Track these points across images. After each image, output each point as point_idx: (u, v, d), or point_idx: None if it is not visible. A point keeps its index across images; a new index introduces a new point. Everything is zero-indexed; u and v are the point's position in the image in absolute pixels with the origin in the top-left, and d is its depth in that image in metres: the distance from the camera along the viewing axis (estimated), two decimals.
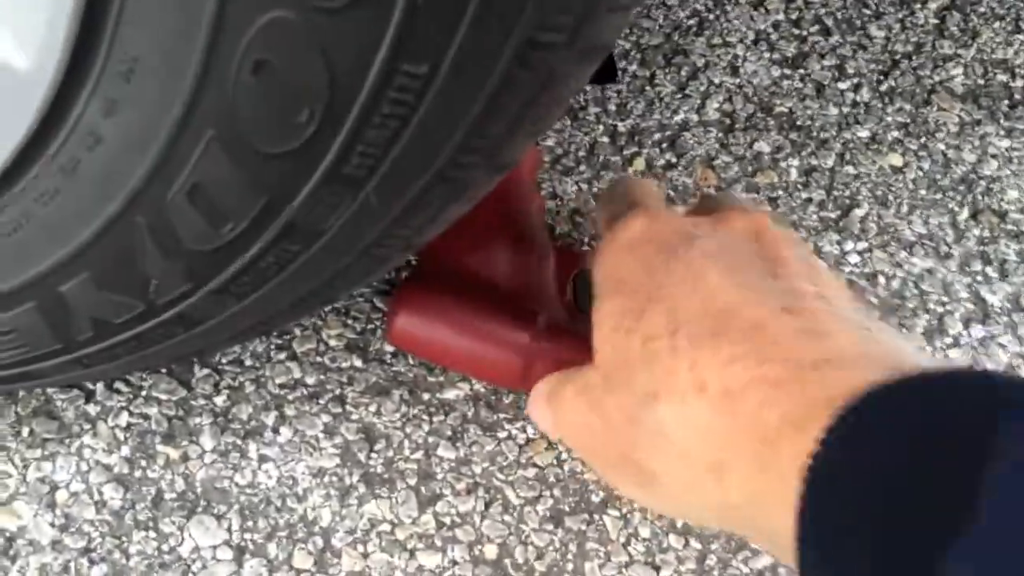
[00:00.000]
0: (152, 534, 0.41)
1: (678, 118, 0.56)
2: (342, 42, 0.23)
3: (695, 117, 0.56)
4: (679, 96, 0.57)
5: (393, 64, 0.23)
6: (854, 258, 0.51)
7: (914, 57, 0.59)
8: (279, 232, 0.27)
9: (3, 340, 0.34)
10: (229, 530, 0.41)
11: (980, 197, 0.53)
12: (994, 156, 0.55)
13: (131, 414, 0.44)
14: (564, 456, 0.44)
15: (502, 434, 0.44)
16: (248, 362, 0.46)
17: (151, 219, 0.28)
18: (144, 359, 0.36)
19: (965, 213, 0.53)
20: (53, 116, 0.26)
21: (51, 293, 0.31)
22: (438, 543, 0.41)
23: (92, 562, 0.40)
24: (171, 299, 0.30)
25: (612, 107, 0.56)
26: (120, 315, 0.31)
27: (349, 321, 0.47)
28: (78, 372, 0.37)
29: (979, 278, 0.50)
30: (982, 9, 0.62)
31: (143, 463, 0.43)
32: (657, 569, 0.41)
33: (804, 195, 0.53)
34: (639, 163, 0.54)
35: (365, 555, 0.41)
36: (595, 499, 0.43)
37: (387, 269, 0.35)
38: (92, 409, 0.43)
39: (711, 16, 0.61)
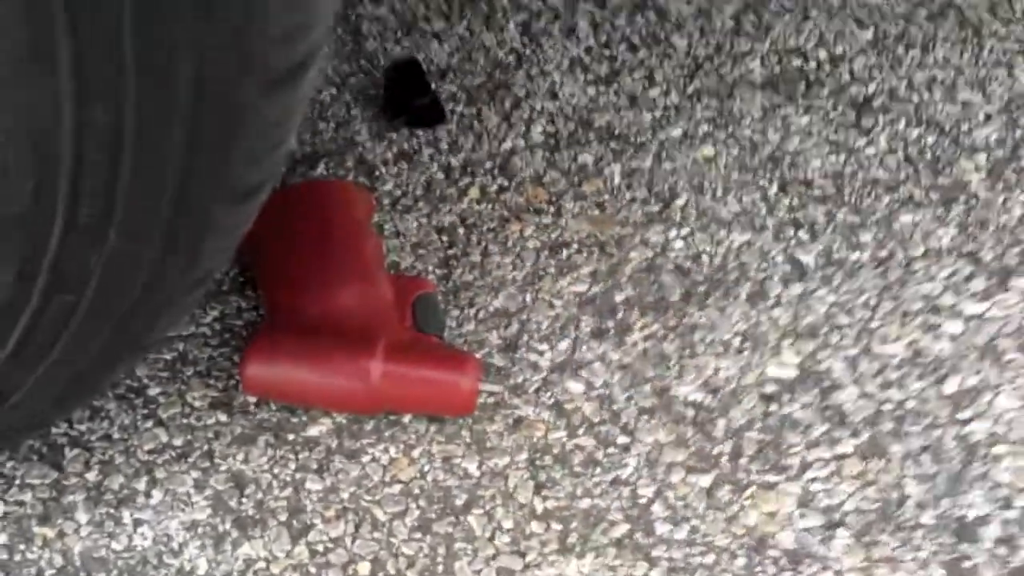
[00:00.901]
0: None
1: (506, 146, 0.60)
2: None
3: (522, 142, 0.60)
4: (505, 126, 0.61)
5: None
6: (679, 244, 0.55)
7: (715, 58, 0.64)
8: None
9: None
10: None
11: (787, 171, 0.58)
12: (796, 133, 0.60)
13: (6, 503, 0.45)
14: (427, 468, 0.46)
15: (366, 458, 0.47)
16: (116, 435, 0.47)
17: None
18: None
19: (775, 187, 0.57)
20: None
21: None
22: (312, 570, 0.43)
23: None
24: None
25: (444, 145, 0.60)
26: None
27: (211, 381, 0.49)
28: None
29: (792, 242, 0.54)
30: (774, 7, 0.67)
31: (21, 547, 0.44)
32: (523, 555, 0.44)
33: (628, 195, 0.57)
34: (473, 192, 0.57)
35: None
36: (459, 502, 0.45)
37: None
38: None
39: (527, 51, 0.65)
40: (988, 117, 0.60)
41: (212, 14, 0.25)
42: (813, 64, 0.63)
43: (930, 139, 0.59)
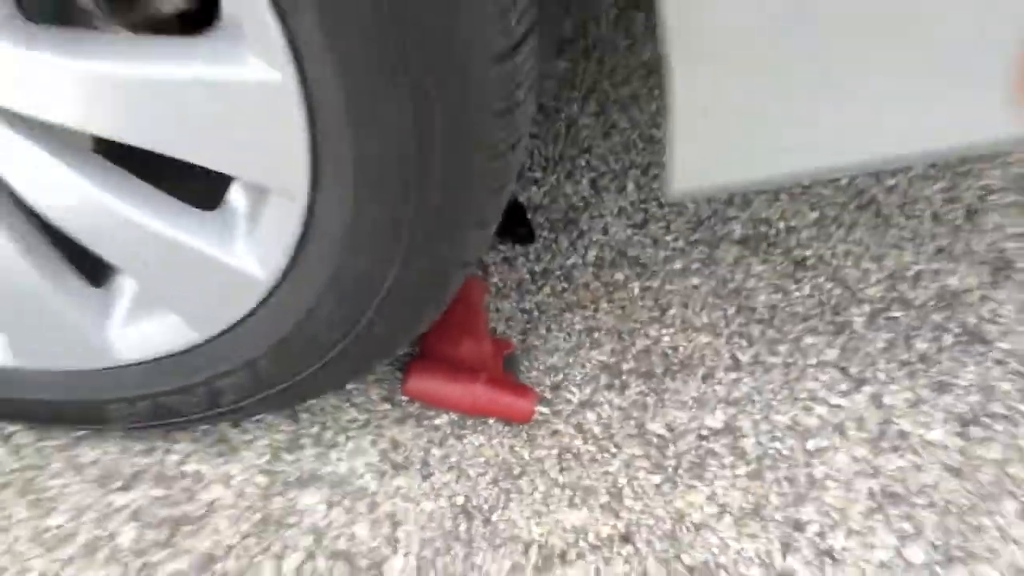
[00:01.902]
0: None
1: (570, 261, 0.95)
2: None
3: (580, 261, 0.95)
4: (571, 249, 0.96)
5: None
6: (666, 338, 0.89)
7: (711, 219, 0.99)
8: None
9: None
10: None
11: (743, 299, 0.92)
12: (752, 275, 0.94)
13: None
14: (500, 448, 0.81)
15: (466, 438, 0.82)
16: (337, 402, 0.84)
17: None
18: None
19: (732, 310, 0.91)
20: (265, 299, 0.65)
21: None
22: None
23: None
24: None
25: (532, 257, 0.95)
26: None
27: (384, 385, 0.85)
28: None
29: (736, 346, 0.89)
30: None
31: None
32: (547, 504, 0.78)
33: (640, 304, 0.92)
34: (546, 289, 0.93)
35: None
36: (515, 472, 0.80)
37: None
38: None
39: (592, 199, 1.01)
40: (878, 281, 0.93)
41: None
42: (774, 231, 0.98)
43: (836, 291, 0.92)
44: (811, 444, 0.82)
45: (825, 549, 0.76)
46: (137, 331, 0.71)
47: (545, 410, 0.83)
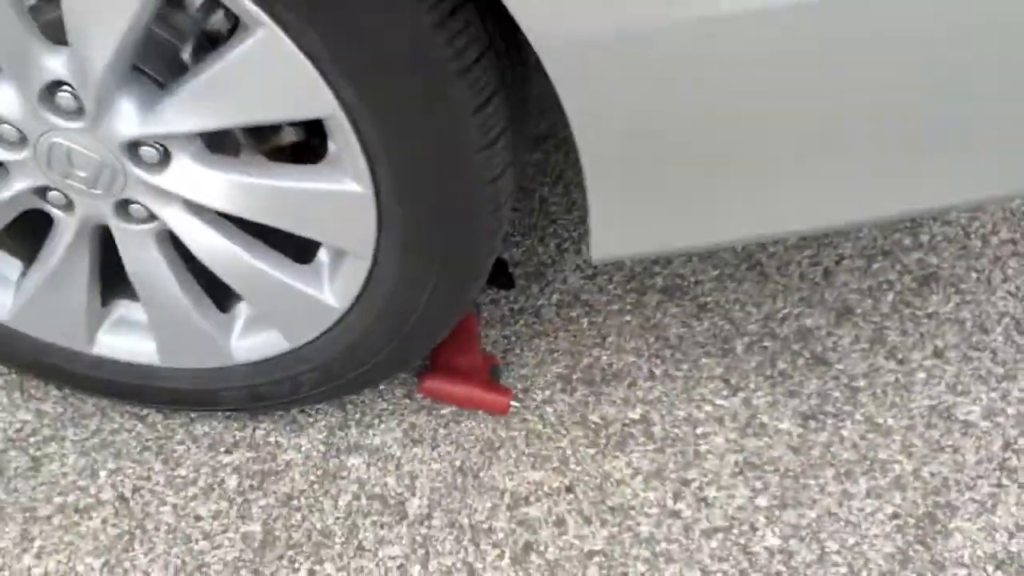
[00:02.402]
0: None
1: (538, 303, 1.33)
2: None
3: (546, 302, 1.33)
4: (539, 293, 1.34)
5: None
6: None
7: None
8: None
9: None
10: None
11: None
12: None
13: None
14: (480, 427, 1.18)
15: (464, 424, 1.19)
16: (367, 398, 1.20)
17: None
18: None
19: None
20: (339, 321, 1.02)
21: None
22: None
23: None
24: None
25: (511, 298, 1.33)
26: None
27: (405, 386, 1.22)
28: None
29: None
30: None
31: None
32: (540, 467, 1.15)
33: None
34: (520, 322, 1.30)
35: None
36: (493, 444, 1.17)
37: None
38: None
39: (556, 258, 1.38)
40: (755, 320, 1.31)
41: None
42: (686, 283, 1.35)
43: (727, 327, 1.30)
44: (699, 430, 1.19)
45: (702, 498, 1.13)
46: (248, 342, 1.08)
47: (517, 405, 1.20)
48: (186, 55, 0.87)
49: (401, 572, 1.07)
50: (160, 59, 0.87)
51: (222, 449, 1.17)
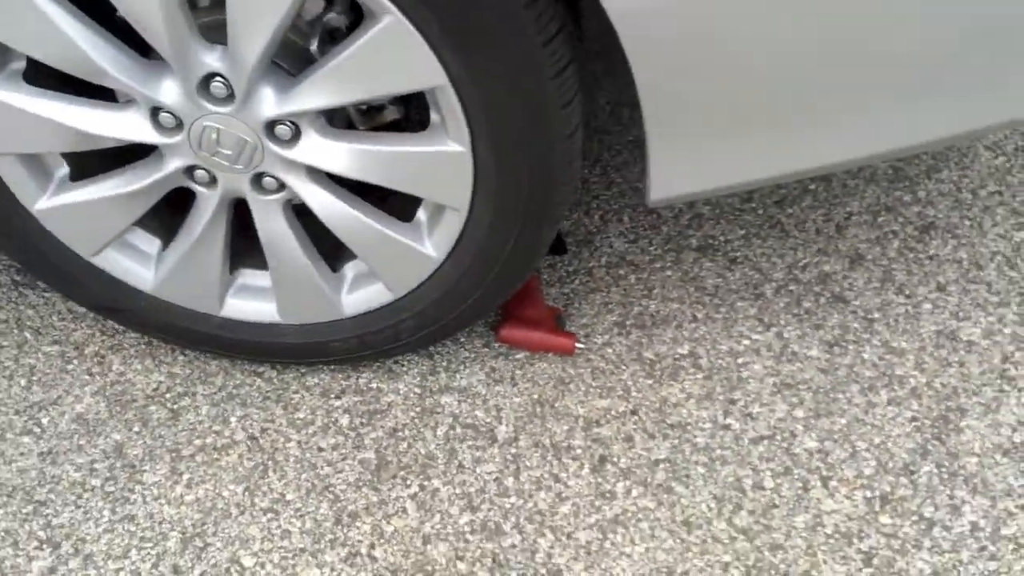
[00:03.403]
0: None
1: (589, 264, 1.52)
2: None
3: (596, 264, 1.52)
4: (589, 256, 1.53)
5: None
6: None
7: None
8: None
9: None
10: None
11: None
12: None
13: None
14: (551, 365, 1.37)
15: (535, 365, 1.38)
16: (453, 344, 1.40)
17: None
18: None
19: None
20: (436, 271, 1.21)
21: None
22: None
23: None
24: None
25: (566, 261, 1.52)
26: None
27: (484, 336, 1.41)
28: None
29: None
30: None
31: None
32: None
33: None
34: (576, 281, 1.50)
35: None
36: (562, 382, 1.36)
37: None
38: None
39: (601, 227, 1.58)
40: (780, 268, 1.50)
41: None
42: (717, 241, 1.55)
43: (755, 275, 1.49)
44: (740, 360, 1.38)
45: (747, 413, 1.31)
46: (355, 296, 1.27)
47: (581, 347, 1.40)
48: (313, 47, 1.08)
49: (497, 484, 1.25)
50: (291, 52, 1.08)
51: (332, 395, 1.36)
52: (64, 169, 1.20)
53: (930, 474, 1.24)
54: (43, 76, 1.10)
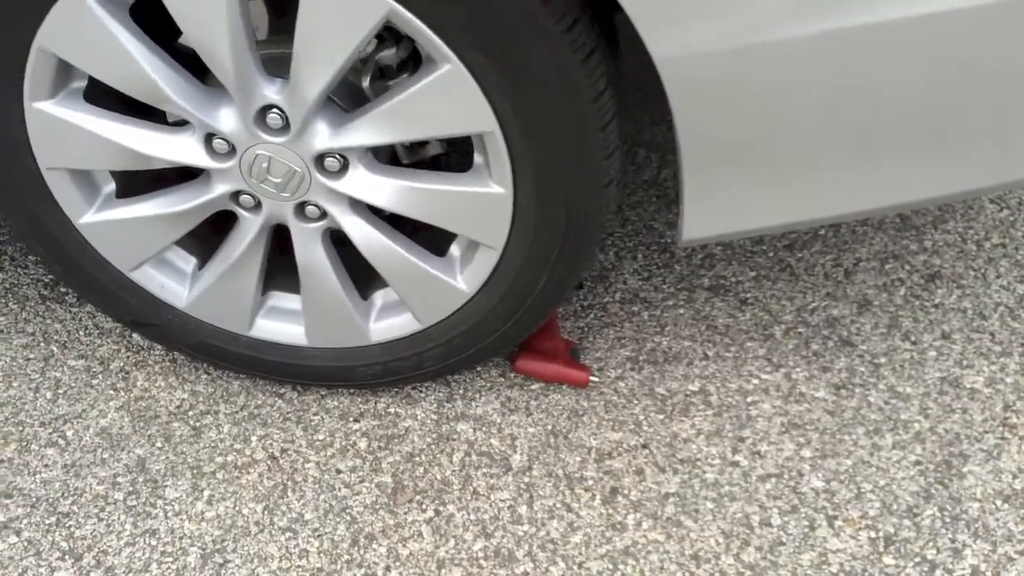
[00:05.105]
0: None
1: (604, 300, 1.56)
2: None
3: (610, 299, 1.56)
4: (603, 292, 1.57)
5: None
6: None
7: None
8: None
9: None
10: None
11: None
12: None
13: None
14: (565, 396, 1.41)
15: (549, 397, 1.42)
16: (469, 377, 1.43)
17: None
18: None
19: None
20: (466, 303, 1.25)
21: None
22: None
23: None
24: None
25: (581, 297, 1.56)
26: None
27: (500, 366, 1.45)
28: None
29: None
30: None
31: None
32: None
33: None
34: (591, 316, 1.53)
35: None
36: (575, 411, 1.40)
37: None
38: None
39: (616, 264, 1.62)
40: (790, 311, 1.54)
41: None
42: (728, 283, 1.59)
43: (765, 317, 1.53)
44: (749, 399, 1.42)
45: (756, 451, 1.35)
46: (383, 324, 1.31)
47: (595, 380, 1.43)
48: (365, 84, 1.12)
49: (511, 511, 1.28)
50: (345, 89, 1.12)
51: (351, 419, 1.39)
52: (111, 186, 1.24)
53: (933, 517, 1.27)
54: (101, 96, 1.14)
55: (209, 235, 1.28)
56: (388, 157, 1.22)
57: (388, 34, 1.13)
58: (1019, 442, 1.35)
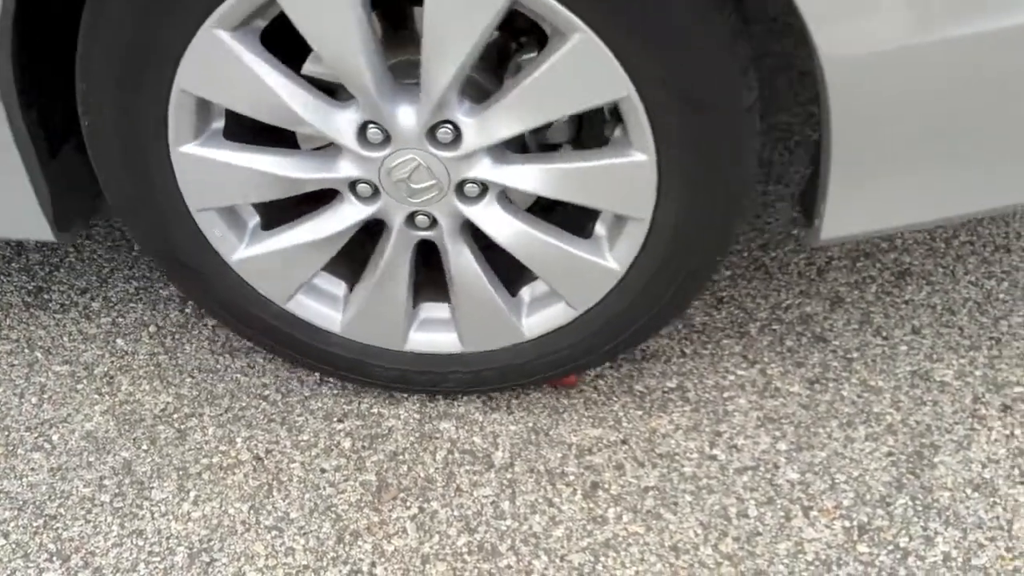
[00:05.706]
0: None
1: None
2: None
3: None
4: None
5: None
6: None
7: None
8: None
9: None
10: None
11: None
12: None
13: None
14: (556, 395, 1.43)
15: (570, 401, 1.44)
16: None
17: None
18: None
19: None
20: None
21: None
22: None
23: None
24: None
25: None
26: None
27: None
28: None
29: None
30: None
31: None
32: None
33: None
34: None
35: None
36: (566, 403, 1.42)
37: None
38: None
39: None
40: (763, 310, 1.58)
41: None
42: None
43: (740, 315, 1.57)
44: (725, 394, 1.45)
45: (732, 445, 1.38)
46: (535, 319, 1.30)
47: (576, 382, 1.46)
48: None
49: (494, 507, 1.31)
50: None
51: (335, 419, 1.41)
52: (256, 219, 1.25)
53: (905, 506, 1.30)
54: (236, 134, 1.17)
55: (353, 257, 1.30)
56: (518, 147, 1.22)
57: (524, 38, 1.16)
58: (988, 432, 1.39)
